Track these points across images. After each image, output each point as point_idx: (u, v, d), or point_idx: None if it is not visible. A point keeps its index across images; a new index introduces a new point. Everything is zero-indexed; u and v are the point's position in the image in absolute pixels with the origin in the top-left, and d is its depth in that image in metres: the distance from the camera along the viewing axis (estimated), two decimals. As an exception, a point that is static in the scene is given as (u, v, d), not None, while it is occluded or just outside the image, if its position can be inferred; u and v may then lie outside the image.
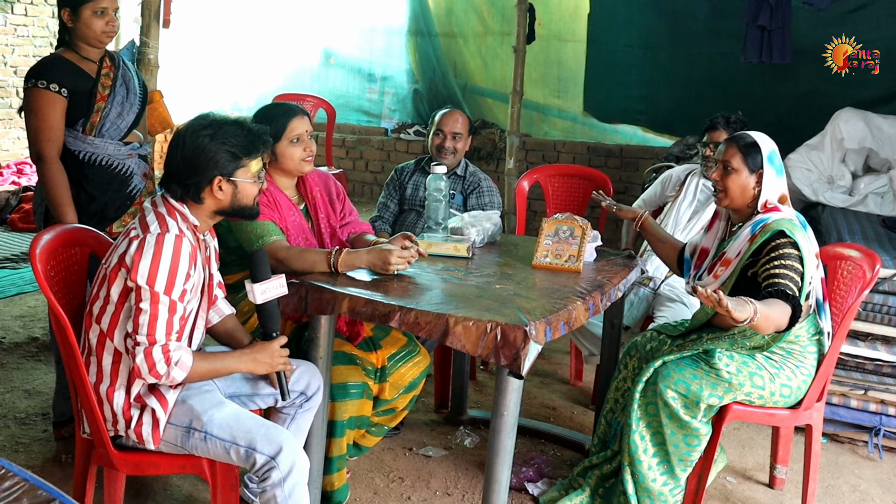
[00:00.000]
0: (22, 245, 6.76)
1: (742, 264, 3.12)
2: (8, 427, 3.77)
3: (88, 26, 3.40)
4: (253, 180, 2.66)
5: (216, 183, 2.59)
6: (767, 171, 3.16)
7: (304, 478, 2.58)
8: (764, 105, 6.74)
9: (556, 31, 8.21)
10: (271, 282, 2.72)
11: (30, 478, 1.39)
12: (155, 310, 2.46)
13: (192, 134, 2.60)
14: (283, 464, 2.52)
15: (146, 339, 2.46)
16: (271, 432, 2.56)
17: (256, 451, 2.52)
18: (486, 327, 2.61)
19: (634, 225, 3.57)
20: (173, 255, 2.48)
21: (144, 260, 2.46)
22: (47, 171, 3.34)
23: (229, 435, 2.54)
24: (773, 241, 3.03)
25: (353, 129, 9.69)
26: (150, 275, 2.45)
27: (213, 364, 2.62)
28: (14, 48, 9.36)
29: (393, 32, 9.73)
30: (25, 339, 4.83)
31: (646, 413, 3.17)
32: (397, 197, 4.50)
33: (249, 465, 2.54)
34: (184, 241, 2.52)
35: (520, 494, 3.49)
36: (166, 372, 2.48)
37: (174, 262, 2.48)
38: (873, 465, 3.98)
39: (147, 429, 2.56)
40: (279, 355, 2.74)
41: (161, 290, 2.46)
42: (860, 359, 4.05)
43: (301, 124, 3.27)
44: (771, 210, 3.15)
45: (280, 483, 2.52)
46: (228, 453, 2.54)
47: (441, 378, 4.25)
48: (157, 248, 2.47)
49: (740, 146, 3.19)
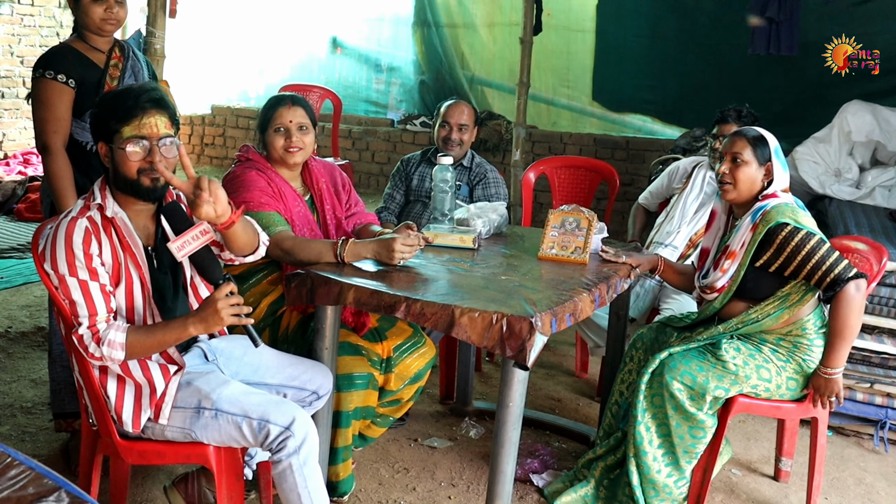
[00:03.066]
0: (28, 235, 6.76)
1: (749, 256, 3.13)
2: (14, 416, 3.78)
3: (87, 13, 3.37)
4: (125, 148, 2.51)
5: (101, 149, 2.58)
6: (776, 164, 3.18)
7: (316, 449, 2.60)
8: (771, 97, 6.73)
9: (564, 22, 8.19)
10: (189, 233, 2.52)
11: (36, 466, 1.40)
12: (67, 292, 2.47)
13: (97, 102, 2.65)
14: (298, 432, 2.52)
15: (75, 322, 2.48)
16: (282, 405, 2.57)
17: (270, 422, 2.52)
18: (492, 318, 2.61)
19: (655, 274, 3.56)
20: (66, 236, 2.48)
21: (46, 246, 2.50)
22: (52, 162, 3.33)
23: (240, 409, 2.53)
24: (782, 234, 3.05)
25: (359, 119, 9.68)
26: (51, 259, 2.48)
27: (153, 334, 2.51)
28: (20, 38, 9.36)
29: (400, 22, 9.72)
30: (32, 329, 4.84)
31: (651, 404, 3.17)
32: (403, 188, 4.49)
33: (262, 437, 2.53)
34: (77, 223, 2.50)
35: (524, 486, 3.49)
36: (100, 353, 2.46)
37: (67, 243, 2.47)
38: (879, 458, 3.98)
39: (128, 410, 2.56)
40: (227, 305, 2.49)
41: (66, 273, 2.47)
42: (866, 352, 4.05)
43: (287, 114, 3.28)
44: (769, 197, 3.17)
45: (296, 451, 2.53)
46: (241, 427, 2.53)
47: (446, 369, 4.25)
48: (53, 234, 2.50)
49: (749, 139, 3.21)
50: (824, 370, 3.10)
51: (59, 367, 3.43)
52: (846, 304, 3.00)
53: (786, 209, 3.12)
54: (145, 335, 2.51)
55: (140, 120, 2.52)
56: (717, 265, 3.27)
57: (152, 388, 2.56)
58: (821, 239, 3.07)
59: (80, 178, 3.38)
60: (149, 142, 2.53)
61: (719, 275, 3.24)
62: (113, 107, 2.55)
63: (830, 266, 3.00)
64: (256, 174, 3.26)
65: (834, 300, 3.02)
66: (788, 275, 3.10)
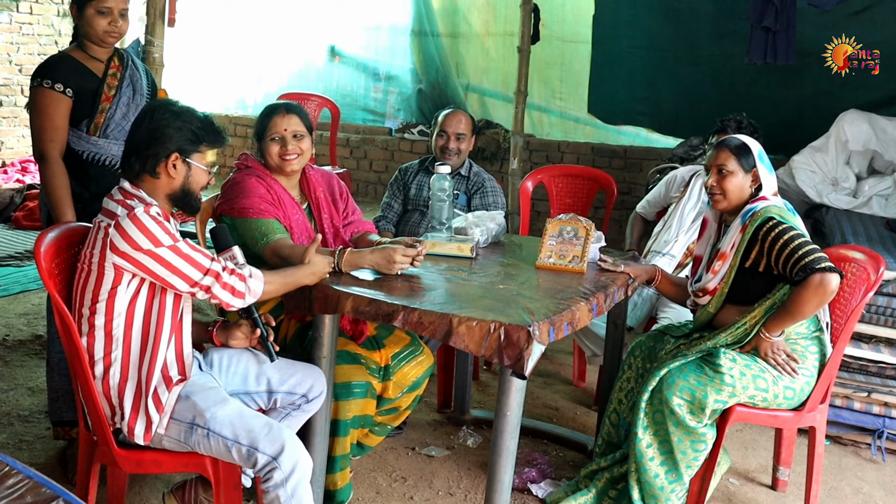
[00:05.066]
0: (26, 243, 6.76)
1: (739, 256, 3.16)
2: (11, 424, 3.78)
3: (90, 24, 3.38)
4: (206, 168, 2.69)
5: (172, 159, 2.62)
6: (761, 169, 3.25)
7: (306, 476, 2.59)
8: (768, 106, 6.73)
9: (559, 33, 8.20)
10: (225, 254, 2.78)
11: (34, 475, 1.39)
12: (183, 255, 2.53)
13: (161, 109, 2.67)
14: (286, 464, 2.52)
15: (208, 278, 2.56)
16: (273, 432, 2.56)
17: (258, 450, 2.52)
18: (490, 327, 2.61)
19: (652, 285, 3.56)
20: (152, 218, 2.52)
21: (134, 232, 2.49)
22: (48, 171, 3.33)
23: (231, 433, 2.54)
24: (765, 227, 3.09)
25: (357, 128, 9.69)
26: (150, 239, 2.49)
27: (284, 277, 2.79)
28: (19, 46, 9.37)
29: (398, 31, 9.73)
30: (29, 337, 4.84)
31: (653, 421, 3.17)
32: (401, 197, 4.50)
33: (251, 463, 2.54)
34: (151, 210, 2.55)
35: (522, 495, 3.49)
36: (245, 288, 2.63)
37: (157, 221, 2.52)
38: (876, 467, 3.98)
39: (141, 426, 2.56)
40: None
41: (167, 242, 2.51)
42: (863, 361, 4.05)
43: (282, 122, 3.29)
44: (758, 200, 3.21)
45: (283, 483, 2.53)
46: (230, 451, 2.55)
47: (444, 378, 4.25)
48: (135, 222, 2.50)
49: (732, 149, 3.27)
50: (763, 332, 3.13)
51: (58, 375, 3.43)
52: (809, 289, 2.97)
53: (774, 209, 3.17)
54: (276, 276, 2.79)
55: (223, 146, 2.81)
56: (710, 268, 3.30)
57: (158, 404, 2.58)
58: (802, 234, 3.10)
59: (76, 188, 3.38)
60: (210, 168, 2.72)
61: (710, 276, 3.27)
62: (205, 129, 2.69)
63: (804, 254, 3.01)
64: (256, 181, 3.26)
65: (799, 283, 3.02)
66: (774, 273, 3.12)
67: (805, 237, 3.09)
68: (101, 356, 2.57)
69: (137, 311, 2.58)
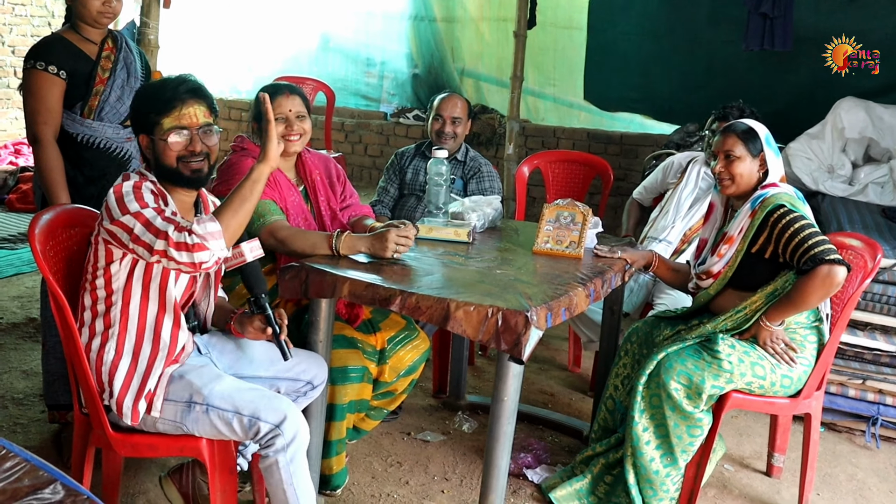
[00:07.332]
0: (19, 225, 6.73)
1: (746, 242, 3.15)
2: (6, 408, 3.77)
3: (84, 5, 3.35)
4: (166, 138, 2.55)
5: (142, 141, 2.61)
6: (769, 153, 3.23)
7: (304, 446, 2.60)
8: (764, 93, 6.71)
9: (553, 19, 8.16)
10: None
11: (31, 458, 1.39)
12: (143, 220, 2.43)
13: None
14: (288, 431, 2.53)
15: (159, 241, 2.39)
16: (274, 401, 2.57)
17: (261, 419, 2.52)
18: (488, 312, 2.60)
19: (649, 270, 3.55)
20: (134, 186, 2.50)
21: (112, 202, 2.48)
22: (42, 154, 3.31)
23: (231, 405, 2.53)
24: (775, 214, 3.07)
25: (351, 112, 9.64)
26: (120, 208, 2.45)
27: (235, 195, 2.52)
28: (12, 27, 9.31)
29: (391, 16, 9.67)
30: (23, 320, 4.82)
31: (650, 405, 3.17)
32: (397, 181, 4.48)
33: (253, 434, 2.53)
34: (145, 182, 2.53)
35: (517, 480, 3.49)
36: (200, 237, 2.37)
37: (136, 190, 2.49)
38: (870, 454, 3.99)
39: (128, 403, 2.55)
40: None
41: (133, 209, 2.44)
42: (859, 348, 4.06)
43: (286, 103, 3.27)
44: (768, 186, 3.19)
45: (283, 449, 2.53)
46: (231, 424, 2.53)
47: (439, 363, 4.25)
48: (115, 192, 2.49)
49: (739, 134, 3.24)
50: (763, 320, 3.12)
51: (53, 358, 3.42)
52: (815, 279, 2.97)
53: (784, 196, 3.16)
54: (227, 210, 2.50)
55: (179, 110, 2.57)
56: (715, 251, 3.29)
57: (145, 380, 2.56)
58: (812, 224, 3.08)
59: (70, 170, 3.36)
60: (189, 131, 2.58)
61: (716, 259, 3.26)
62: (152, 99, 2.60)
63: (814, 244, 3.00)
64: (252, 162, 3.24)
65: (805, 273, 3.01)
66: (780, 260, 3.11)
67: (815, 227, 3.08)
68: (99, 331, 2.57)
69: (134, 289, 2.56)
